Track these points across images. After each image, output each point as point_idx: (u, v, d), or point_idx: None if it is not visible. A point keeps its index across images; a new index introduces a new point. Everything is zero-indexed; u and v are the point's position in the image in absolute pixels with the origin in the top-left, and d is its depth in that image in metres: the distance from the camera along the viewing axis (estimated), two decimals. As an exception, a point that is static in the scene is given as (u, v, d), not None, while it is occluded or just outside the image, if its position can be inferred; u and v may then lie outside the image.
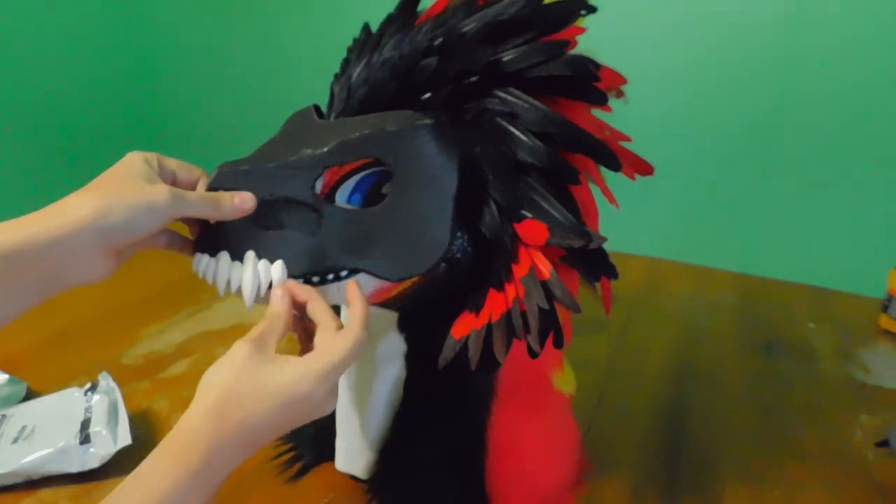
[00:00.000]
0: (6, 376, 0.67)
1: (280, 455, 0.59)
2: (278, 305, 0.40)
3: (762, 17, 1.33)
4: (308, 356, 0.38)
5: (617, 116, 0.50)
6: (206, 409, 0.36)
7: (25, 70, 1.86)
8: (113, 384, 0.63)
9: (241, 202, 0.41)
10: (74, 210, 0.37)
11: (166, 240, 0.45)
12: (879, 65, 1.26)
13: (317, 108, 0.48)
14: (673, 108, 1.45)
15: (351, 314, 0.41)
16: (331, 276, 0.42)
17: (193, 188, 0.44)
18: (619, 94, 0.52)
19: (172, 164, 0.44)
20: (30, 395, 0.66)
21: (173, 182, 0.43)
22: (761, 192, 1.43)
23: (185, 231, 0.45)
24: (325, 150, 0.41)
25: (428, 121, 0.42)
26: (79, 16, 1.97)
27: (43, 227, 0.36)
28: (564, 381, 0.55)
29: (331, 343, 0.39)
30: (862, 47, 1.27)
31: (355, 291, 0.42)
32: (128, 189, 0.38)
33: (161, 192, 0.39)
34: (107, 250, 0.38)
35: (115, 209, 0.37)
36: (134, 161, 0.41)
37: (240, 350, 0.38)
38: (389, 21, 0.48)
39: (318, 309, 0.41)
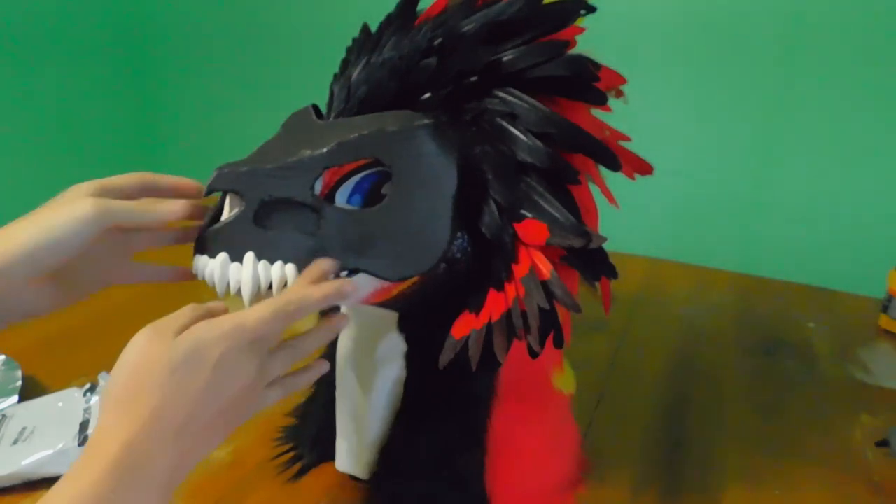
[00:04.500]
0: (2, 357, 0.69)
1: (280, 455, 0.59)
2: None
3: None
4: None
5: (616, 113, 0.50)
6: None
7: (23, 68, 1.86)
8: (112, 385, 0.63)
9: (172, 206, 0.42)
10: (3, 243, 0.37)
11: (145, 274, 0.47)
12: (869, 69, 1.27)
13: (316, 108, 0.48)
14: (672, 108, 1.45)
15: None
16: (330, 277, 0.42)
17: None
18: (619, 93, 0.52)
19: (126, 187, 0.43)
20: (27, 386, 0.66)
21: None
22: (761, 192, 1.43)
23: (168, 261, 0.46)
24: (325, 150, 0.41)
25: (427, 121, 0.42)
26: (78, 15, 1.97)
27: None
28: (564, 381, 0.55)
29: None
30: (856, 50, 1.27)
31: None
32: (52, 211, 0.39)
33: (84, 203, 0.39)
34: (41, 279, 0.39)
35: (41, 231, 0.38)
36: (72, 188, 0.41)
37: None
38: (389, 21, 0.48)
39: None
